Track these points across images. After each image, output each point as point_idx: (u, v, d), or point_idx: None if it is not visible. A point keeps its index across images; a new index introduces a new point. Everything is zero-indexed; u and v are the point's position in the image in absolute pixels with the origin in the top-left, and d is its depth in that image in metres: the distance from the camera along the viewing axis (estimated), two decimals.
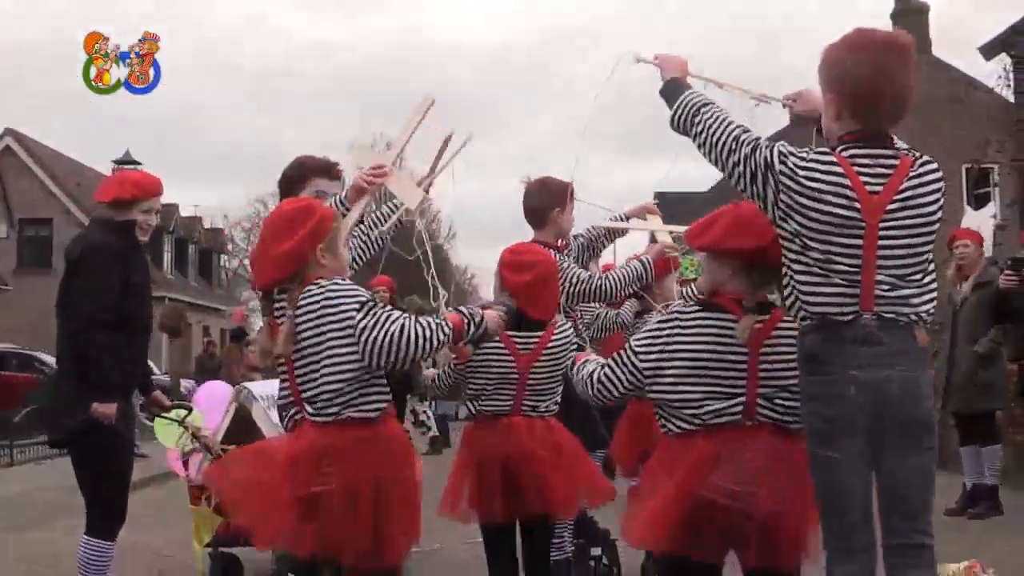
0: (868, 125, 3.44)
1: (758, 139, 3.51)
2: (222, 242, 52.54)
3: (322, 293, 3.62)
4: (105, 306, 5.12)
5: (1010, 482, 10.11)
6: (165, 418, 6.34)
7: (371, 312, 3.56)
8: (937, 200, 3.43)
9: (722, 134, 3.55)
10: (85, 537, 5.25)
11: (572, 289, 5.54)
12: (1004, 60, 17.63)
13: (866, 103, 3.42)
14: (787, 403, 3.62)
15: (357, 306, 3.58)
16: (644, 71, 3.94)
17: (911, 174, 3.40)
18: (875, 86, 3.40)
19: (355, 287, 3.68)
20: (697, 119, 3.63)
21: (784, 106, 3.99)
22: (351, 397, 3.63)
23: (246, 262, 55.72)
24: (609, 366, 3.83)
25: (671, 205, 7.01)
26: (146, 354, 5.64)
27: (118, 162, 38.36)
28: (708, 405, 3.60)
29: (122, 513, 5.37)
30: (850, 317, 3.38)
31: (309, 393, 3.66)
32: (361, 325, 3.54)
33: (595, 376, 3.87)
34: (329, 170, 4.90)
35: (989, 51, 18.18)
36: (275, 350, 3.73)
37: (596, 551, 6.46)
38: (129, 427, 5.40)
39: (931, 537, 3.45)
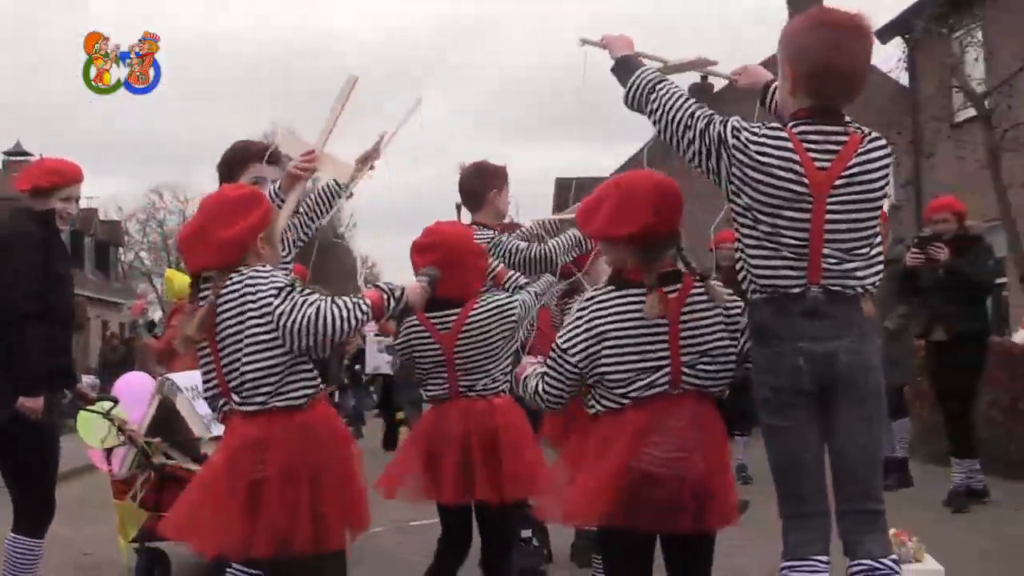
0: (821, 102, 3.50)
1: (712, 115, 3.56)
2: (119, 234, 51.42)
3: (243, 281, 3.59)
4: (27, 296, 5.00)
5: (917, 455, 10.44)
6: (90, 410, 6.23)
7: (288, 297, 3.54)
8: (884, 176, 3.52)
9: (677, 111, 3.59)
10: (12, 535, 5.14)
11: (512, 260, 5.62)
12: (900, 44, 18.16)
13: (821, 81, 3.48)
14: (708, 368, 3.69)
15: (275, 291, 3.55)
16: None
17: (859, 151, 3.48)
18: (832, 66, 3.46)
19: (274, 273, 3.65)
20: (652, 96, 3.66)
21: (731, 81, 4.10)
22: (276, 385, 3.60)
23: (142, 254, 54.84)
24: (547, 375, 3.81)
25: (568, 190, 7.04)
26: (70, 345, 5.52)
27: (8, 153, 37.36)
28: (639, 380, 3.64)
29: (50, 509, 5.27)
30: (798, 290, 3.46)
31: (234, 382, 3.63)
32: (279, 311, 3.51)
33: (540, 389, 3.85)
34: (269, 155, 4.84)
35: (885, 35, 18.61)
36: (187, 331, 3.67)
37: (526, 533, 6.50)
38: (55, 420, 5.28)
39: (882, 503, 3.55)
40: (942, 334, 8.43)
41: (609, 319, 3.67)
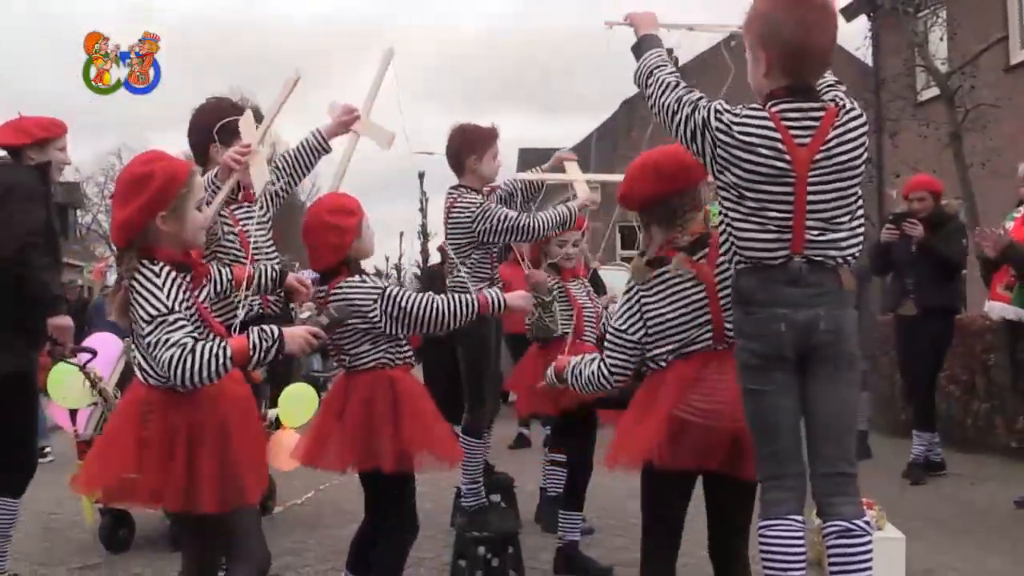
0: (796, 81, 3.62)
1: (699, 100, 3.70)
2: (79, 197, 50.82)
3: (137, 288, 3.57)
4: (32, 230, 5.01)
5: (876, 428, 10.61)
6: (67, 362, 6.21)
7: (157, 328, 3.51)
8: (861, 145, 3.64)
9: (668, 97, 3.76)
10: None
11: (499, 226, 5.68)
12: (866, 22, 18.26)
13: (796, 61, 3.60)
14: None
15: (148, 319, 3.52)
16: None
17: (836, 123, 3.59)
18: (805, 46, 3.58)
19: (157, 293, 3.55)
20: (650, 81, 3.85)
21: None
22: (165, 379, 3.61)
23: (100, 217, 54.28)
24: (609, 356, 4.09)
25: (534, 162, 7.13)
26: None
27: None
28: (685, 337, 3.91)
29: (33, 468, 5.27)
30: (781, 260, 3.58)
31: (139, 363, 3.67)
32: (147, 341, 3.52)
33: (603, 371, 4.11)
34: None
35: (851, 13, 18.70)
36: (112, 315, 3.71)
37: (495, 497, 6.56)
38: (36, 378, 5.26)
39: (855, 466, 3.67)
40: (911, 308, 8.62)
41: (653, 298, 3.97)
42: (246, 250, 4.92)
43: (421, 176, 40.69)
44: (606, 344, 4.12)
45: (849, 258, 3.63)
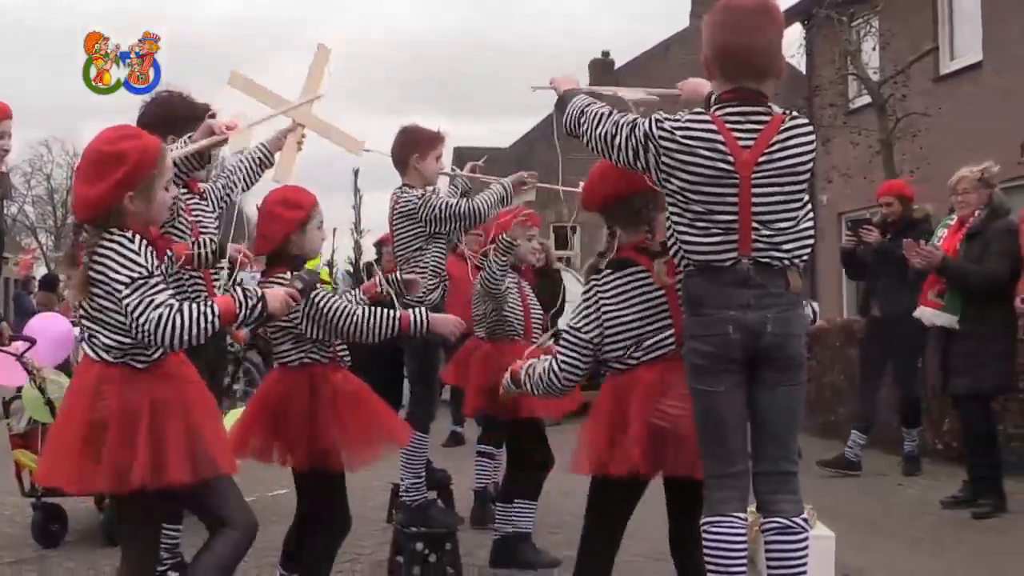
0: (737, 83, 3.72)
1: (635, 119, 3.80)
2: (7, 188, 49.88)
3: (107, 254, 3.52)
4: None
5: (802, 429, 10.74)
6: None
7: (139, 290, 3.47)
8: (806, 152, 3.71)
9: (602, 123, 3.85)
10: None
11: (441, 215, 5.77)
12: (800, 30, 18.51)
13: (725, 62, 3.73)
14: None
15: (128, 280, 3.48)
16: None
17: (781, 128, 3.68)
18: (735, 47, 3.70)
19: (134, 257, 3.52)
20: (582, 119, 3.93)
21: (679, 97, 4.33)
22: (125, 352, 3.58)
23: (27, 208, 53.49)
24: (562, 353, 4.07)
25: (471, 159, 7.16)
26: None
27: None
28: (645, 341, 3.90)
29: None
30: (729, 263, 3.64)
31: (92, 339, 3.61)
32: (127, 302, 3.47)
33: (555, 368, 4.09)
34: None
35: (785, 20, 18.78)
36: (68, 296, 3.66)
37: (432, 495, 6.57)
38: None
39: (796, 465, 3.78)
40: (877, 311, 8.85)
41: (612, 301, 3.96)
42: (196, 238, 4.90)
43: (356, 172, 40.50)
44: (560, 342, 4.12)
45: (796, 260, 3.70)
